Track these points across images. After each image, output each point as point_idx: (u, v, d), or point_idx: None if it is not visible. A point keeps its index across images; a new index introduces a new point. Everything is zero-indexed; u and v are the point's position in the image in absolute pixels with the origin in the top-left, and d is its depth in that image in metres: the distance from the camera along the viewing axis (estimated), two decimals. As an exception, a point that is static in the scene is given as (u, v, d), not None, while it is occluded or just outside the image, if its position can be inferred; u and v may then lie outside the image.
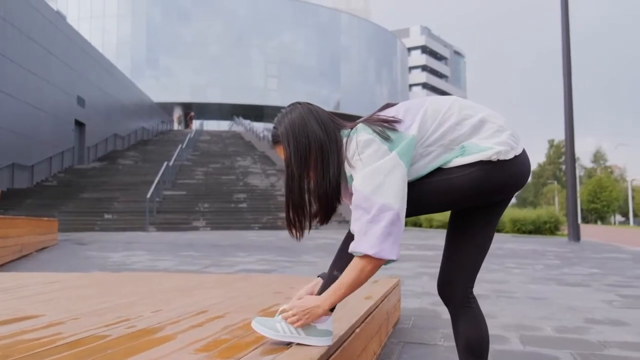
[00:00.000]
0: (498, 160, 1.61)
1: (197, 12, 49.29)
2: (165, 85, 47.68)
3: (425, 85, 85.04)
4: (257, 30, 50.58)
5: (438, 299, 4.54)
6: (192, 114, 43.29)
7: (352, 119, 1.86)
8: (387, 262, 1.60)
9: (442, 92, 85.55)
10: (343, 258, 1.72)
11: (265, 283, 3.53)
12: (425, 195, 1.66)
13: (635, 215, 60.63)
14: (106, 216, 17.44)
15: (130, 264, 7.41)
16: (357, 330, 2.15)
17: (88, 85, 24.84)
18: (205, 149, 29.60)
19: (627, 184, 62.93)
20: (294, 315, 1.68)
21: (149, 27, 48.67)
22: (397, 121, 1.66)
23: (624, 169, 79.35)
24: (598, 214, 60.06)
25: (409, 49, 77.19)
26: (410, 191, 1.62)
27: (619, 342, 3.14)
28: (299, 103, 1.77)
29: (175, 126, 46.94)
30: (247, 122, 37.06)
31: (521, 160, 1.67)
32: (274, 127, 1.75)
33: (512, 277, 6.29)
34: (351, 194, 1.73)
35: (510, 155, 1.63)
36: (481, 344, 1.75)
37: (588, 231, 20.68)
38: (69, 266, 7.25)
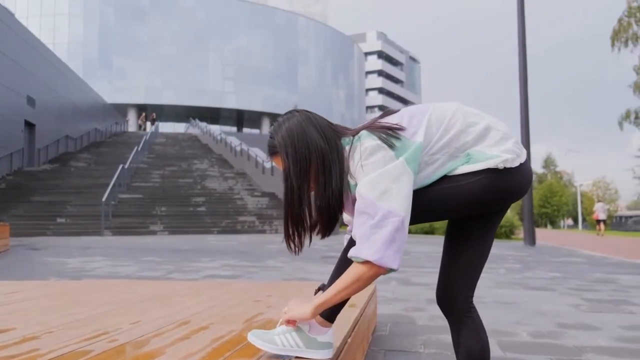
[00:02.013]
0: (504, 168, 1.59)
1: (153, 11, 48.40)
2: (119, 86, 46.64)
3: (381, 90, 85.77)
4: (213, 32, 50.03)
5: (410, 304, 4.57)
6: (154, 114, 42.64)
7: None
8: (387, 271, 1.55)
9: (398, 98, 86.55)
10: (343, 269, 1.66)
11: (241, 291, 3.44)
12: (432, 202, 1.62)
13: (583, 220, 62.64)
14: (59, 220, 16.90)
15: (90, 270, 7.15)
16: (349, 340, 2.10)
17: (38, 85, 24.00)
18: (161, 151, 29.06)
19: (576, 189, 64.96)
20: (284, 313, 1.64)
21: (102, 26, 47.49)
22: (402, 128, 1.60)
23: (572, 175, 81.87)
24: (549, 218, 61.74)
25: (366, 54, 77.70)
26: (417, 198, 1.58)
27: (594, 346, 3.18)
28: (297, 110, 1.68)
29: (131, 127, 45.95)
30: (203, 124, 36.47)
31: (525, 167, 1.66)
32: (271, 137, 1.66)
33: (479, 281, 6.34)
34: (353, 203, 1.67)
35: (516, 163, 1.61)
36: (483, 353, 1.72)
37: (541, 235, 21.24)
38: (26, 273, 6.94)
